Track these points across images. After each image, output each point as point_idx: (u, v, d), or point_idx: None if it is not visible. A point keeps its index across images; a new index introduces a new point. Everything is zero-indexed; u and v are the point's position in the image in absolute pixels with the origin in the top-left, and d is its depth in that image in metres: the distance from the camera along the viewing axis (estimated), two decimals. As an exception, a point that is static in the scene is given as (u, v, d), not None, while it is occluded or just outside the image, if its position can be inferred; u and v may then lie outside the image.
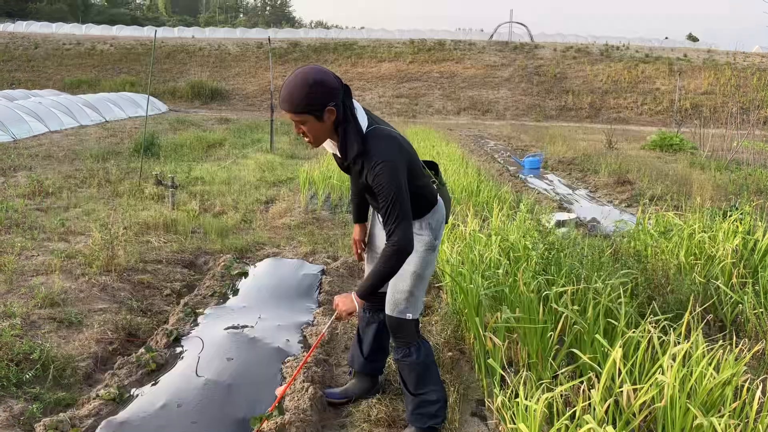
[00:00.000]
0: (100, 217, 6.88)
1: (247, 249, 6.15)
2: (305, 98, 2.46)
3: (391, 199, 2.54)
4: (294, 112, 2.50)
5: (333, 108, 2.51)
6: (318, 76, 2.48)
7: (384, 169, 2.54)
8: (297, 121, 2.53)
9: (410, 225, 2.59)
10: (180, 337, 3.93)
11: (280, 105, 2.52)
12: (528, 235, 4.74)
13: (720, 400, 2.66)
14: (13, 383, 3.28)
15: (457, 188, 7.90)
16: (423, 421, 2.94)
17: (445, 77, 38.75)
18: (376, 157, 2.56)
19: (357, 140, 2.57)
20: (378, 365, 3.37)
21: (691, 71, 38.47)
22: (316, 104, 2.48)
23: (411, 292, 2.87)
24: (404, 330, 2.92)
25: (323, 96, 2.48)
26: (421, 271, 2.87)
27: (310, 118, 2.51)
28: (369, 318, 3.23)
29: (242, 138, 16.31)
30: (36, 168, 10.34)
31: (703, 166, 13.06)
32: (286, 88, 2.50)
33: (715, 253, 4.62)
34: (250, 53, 42.44)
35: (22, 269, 5.03)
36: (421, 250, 2.86)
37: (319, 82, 2.47)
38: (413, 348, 2.92)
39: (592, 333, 3.25)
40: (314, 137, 2.60)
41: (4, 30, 49.16)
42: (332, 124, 2.57)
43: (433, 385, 2.96)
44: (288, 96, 2.49)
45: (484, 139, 20.45)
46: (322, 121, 2.53)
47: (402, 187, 2.57)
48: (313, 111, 2.49)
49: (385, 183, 2.54)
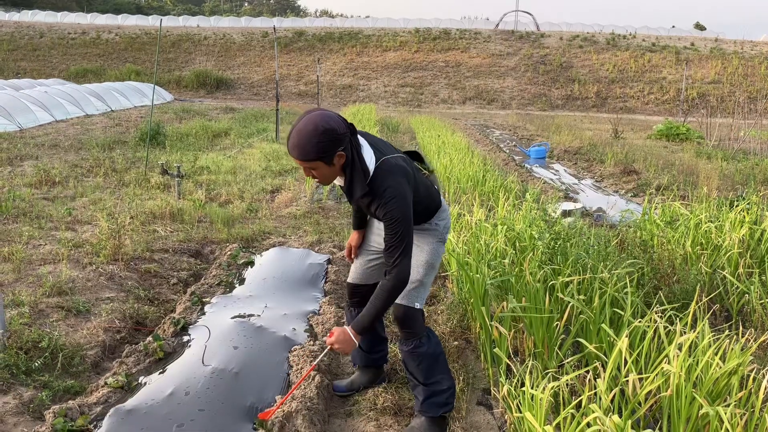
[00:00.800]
0: (107, 207, 6.91)
1: (253, 238, 6.17)
2: (315, 147, 2.48)
3: (399, 235, 2.60)
4: (306, 160, 2.52)
5: (342, 153, 2.55)
6: (328, 124, 2.49)
7: (395, 204, 2.59)
8: (307, 167, 2.56)
9: (410, 261, 2.65)
10: (187, 325, 3.95)
11: (290, 152, 2.54)
12: (534, 225, 4.74)
13: (726, 389, 2.66)
14: (22, 371, 3.31)
15: (462, 178, 7.89)
16: (435, 410, 2.94)
17: (451, 66, 38.60)
18: (387, 194, 2.60)
19: (362, 183, 2.62)
20: (380, 355, 3.38)
21: (698, 60, 38.21)
22: (327, 152, 2.50)
23: (422, 282, 2.90)
24: (412, 320, 2.91)
25: (333, 143, 2.50)
26: (433, 261, 2.93)
27: (320, 164, 2.54)
28: (356, 314, 3.20)
29: (247, 127, 16.31)
30: (42, 157, 10.38)
31: (709, 156, 13.00)
32: (296, 136, 2.50)
33: (721, 243, 4.61)
34: (255, 42, 42.34)
35: (29, 258, 5.06)
36: (434, 242, 2.94)
37: (330, 130, 2.49)
38: (424, 339, 2.92)
39: (598, 322, 3.26)
40: (324, 180, 2.64)
41: (10, 19, 49.16)
42: (341, 167, 2.61)
43: (444, 373, 2.97)
44: (298, 144, 2.50)
45: (489, 129, 20.40)
46: (332, 165, 2.56)
47: (410, 221, 2.64)
48: (324, 158, 2.52)
49: (395, 219, 2.59)
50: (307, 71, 37.87)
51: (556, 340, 3.29)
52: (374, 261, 3.14)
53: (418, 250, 2.90)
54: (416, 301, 2.90)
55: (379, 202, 2.62)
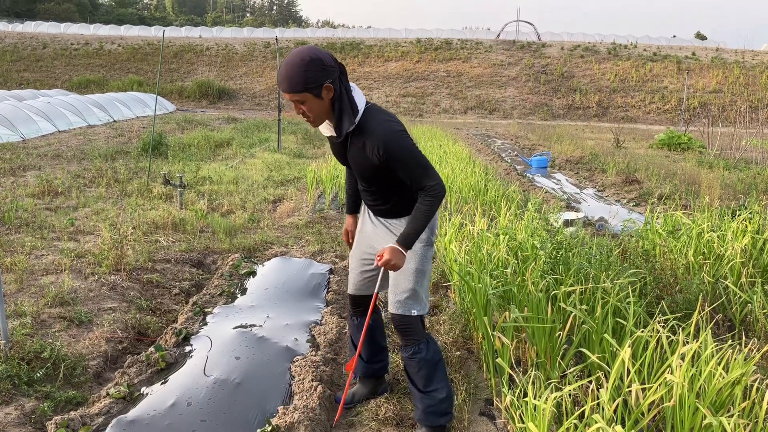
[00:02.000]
0: (109, 217, 6.92)
1: (255, 248, 6.17)
2: (303, 76, 2.49)
3: (409, 161, 2.63)
4: (293, 91, 2.53)
5: (330, 85, 2.55)
6: (314, 54, 2.52)
7: (394, 137, 2.61)
8: (296, 100, 2.57)
9: (439, 178, 2.67)
10: (189, 336, 3.95)
11: (279, 85, 2.55)
12: (536, 235, 4.74)
13: (729, 399, 2.65)
14: (24, 382, 3.31)
15: (464, 187, 7.90)
16: (434, 419, 2.93)
17: (452, 76, 38.71)
18: (380, 130, 2.61)
19: (350, 116, 2.62)
20: (381, 366, 3.35)
21: (699, 70, 38.29)
22: (314, 82, 2.51)
23: (414, 290, 2.89)
24: (410, 327, 2.92)
25: (320, 73, 2.52)
26: (421, 267, 2.89)
27: (308, 96, 2.54)
28: (359, 323, 3.22)
29: (250, 137, 16.35)
30: (45, 167, 10.41)
31: (711, 165, 13.00)
32: (284, 67, 2.53)
33: (723, 253, 4.60)
34: (257, 53, 42.51)
35: (32, 268, 5.06)
36: (419, 247, 2.88)
37: (316, 60, 2.51)
38: (422, 345, 2.92)
39: (601, 332, 3.25)
40: (314, 116, 2.63)
41: (13, 30, 49.43)
42: (330, 102, 2.60)
43: (442, 382, 2.95)
44: (286, 75, 2.52)
45: (491, 138, 20.43)
46: (320, 98, 2.56)
47: (414, 146, 2.66)
48: (311, 89, 2.52)
49: (398, 150, 2.61)
50: (309, 81, 37.92)
51: (558, 350, 3.29)
52: (369, 272, 3.11)
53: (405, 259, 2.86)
54: (412, 308, 2.90)
55: (375, 141, 2.61)
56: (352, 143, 2.70)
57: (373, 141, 2.61)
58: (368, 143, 2.63)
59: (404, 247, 2.72)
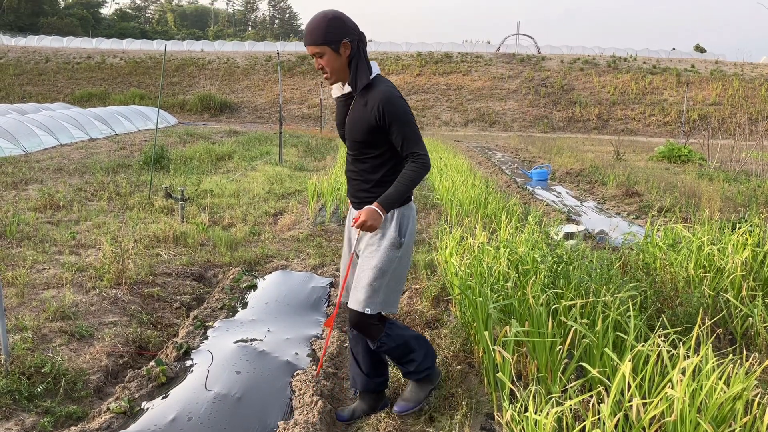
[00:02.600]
0: (111, 230, 6.93)
1: (255, 262, 6.18)
2: (324, 30, 2.75)
3: (406, 123, 2.85)
4: (314, 44, 2.77)
5: (348, 42, 2.80)
6: (336, 13, 2.81)
7: (397, 102, 2.84)
8: (316, 53, 2.80)
9: (426, 151, 2.90)
10: (190, 350, 3.95)
11: (304, 41, 2.81)
12: (536, 248, 4.74)
13: (731, 414, 2.65)
14: (24, 396, 3.30)
15: (465, 200, 7.91)
16: (415, 376, 3.17)
17: (453, 89, 38.86)
18: (385, 90, 2.85)
19: (367, 74, 2.86)
20: (381, 380, 3.31)
21: (698, 82, 38.42)
22: (333, 36, 2.77)
23: (371, 286, 2.92)
24: (365, 326, 2.99)
25: (340, 30, 2.78)
26: (383, 266, 2.93)
27: (327, 50, 2.79)
28: (358, 335, 3.21)
29: (251, 150, 16.40)
30: (47, 181, 10.43)
31: (711, 178, 13.02)
32: (309, 24, 2.80)
33: (724, 266, 4.60)
34: (259, 66, 42.72)
35: (33, 282, 5.07)
36: (385, 245, 2.93)
37: (337, 17, 2.79)
38: (384, 339, 3.03)
39: (601, 346, 3.25)
40: (331, 71, 2.85)
41: (16, 44, 49.73)
42: (347, 59, 2.84)
43: (415, 351, 3.13)
44: (309, 29, 2.78)
45: (491, 151, 20.47)
46: (338, 54, 2.81)
47: (413, 119, 2.90)
48: (331, 43, 2.77)
49: (396, 110, 2.82)
50: (311, 94, 38.15)
51: (559, 364, 3.28)
52: None
53: (368, 254, 2.95)
54: (367, 306, 2.93)
55: (377, 98, 2.83)
56: (356, 102, 2.91)
57: (376, 98, 2.83)
58: (371, 101, 2.84)
59: (382, 208, 2.85)
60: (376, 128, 2.86)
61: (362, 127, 2.87)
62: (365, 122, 2.86)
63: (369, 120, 2.84)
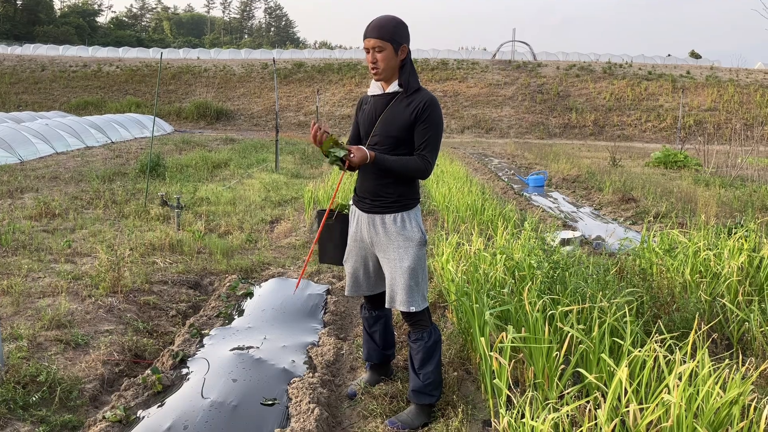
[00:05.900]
0: (106, 239, 6.92)
1: (252, 269, 6.17)
2: (393, 28, 2.94)
3: (435, 130, 3.02)
4: (381, 38, 2.92)
5: (407, 47, 3.00)
6: (403, 21, 3.01)
7: (436, 111, 3.03)
8: (378, 47, 2.94)
9: (434, 161, 3.06)
10: (186, 358, 3.93)
11: (368, 33, 2.95)
12: (533, 254, 4.74)
13: (727, 419, 2.65)
14: (19, 406, 3.29)
15: (461, 206, 7.92)
16: (420, 398, 3.25)
17: (449, 96, 38.94)
18: (433, 97, 3.05)
19: (416, 80, 3.08)
20: (391, 352, 3.73)
21: (694, 88, 38.57)
22: (399, 38, 2.96)
23: (410, 286, 3.12)
24: (415, 319, 3.21)
25: (405, 34, 2.99)
26: (414, 265, 3.12)
27: (389, 47, 2.95)
28: (376, 316, 3.57)
29: (247, 158, 16.40)
30: (42, 189, 10.42)
31: (707, 183, 13.05)
32: (377, 20, 2.96)
33: (720, 271, 4.61)
34: (255, 74, 42.77)
35: (28, 291, 5.05)
36: (412, 246, 3.12)
37: (404, 23, 3.01)
38: (425, 333, 3.22)
39: (598, 352, 3.25)
40: (384, 67, 2.99)
41: (12, 53, 49.71)
42: (401, 63, 3.01)
43: (434, 367, 3.25)
44: (378, 24, 2.94)
45: (488, 157, 20.51)
46: (396, 54, 2.98)
47: (441, 133, 3.09)
48: (394, 42, 2.95)
49: (433, 116, 3.01)
50: (307, 102, 38.20)
51: (556, 370, 3.28)
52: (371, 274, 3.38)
53: (398, 259, 3.10)
54: (411, 305, 3.14)
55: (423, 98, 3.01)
56: (398, 102, 3.05)
57: (421, 98, 3.01)
58: (416, 100, 3.01)
59: (372, 156, 2.97)
60: (412, 125, 3.02)
61: (401, 124, 3.02)
62: (402, 119, 3.02)
63: (407, 118, 3.01)
